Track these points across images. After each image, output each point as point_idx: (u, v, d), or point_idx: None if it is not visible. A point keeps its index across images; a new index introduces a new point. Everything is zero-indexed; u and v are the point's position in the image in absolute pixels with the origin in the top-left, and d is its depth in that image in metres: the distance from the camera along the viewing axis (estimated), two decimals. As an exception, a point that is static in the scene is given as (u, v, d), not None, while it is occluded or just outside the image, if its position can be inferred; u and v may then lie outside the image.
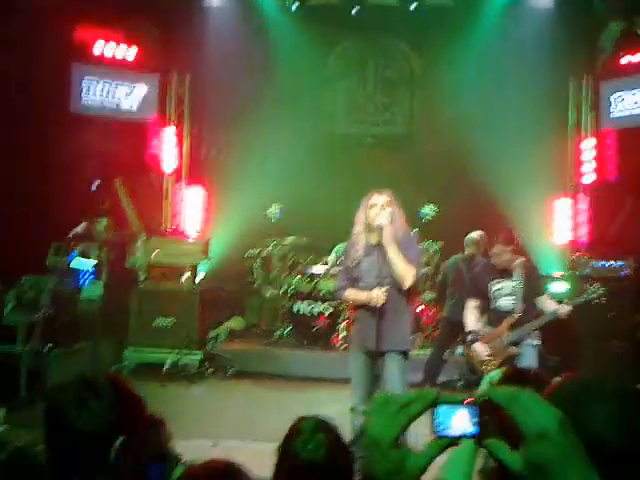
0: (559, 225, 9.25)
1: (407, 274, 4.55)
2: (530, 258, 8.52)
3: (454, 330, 7.47)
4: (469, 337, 5.33)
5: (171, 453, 2.30)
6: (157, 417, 2.59)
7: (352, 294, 4.73)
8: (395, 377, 4.58)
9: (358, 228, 4.72)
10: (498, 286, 5.29)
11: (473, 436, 0.98)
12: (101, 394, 1.69)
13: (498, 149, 8.85)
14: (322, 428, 2.12)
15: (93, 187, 9.18)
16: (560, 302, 5.42)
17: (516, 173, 8.68)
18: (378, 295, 4.46)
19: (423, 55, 10.43)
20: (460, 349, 7.78)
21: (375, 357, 4.64)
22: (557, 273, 8.58)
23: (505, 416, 0.94)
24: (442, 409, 0.99)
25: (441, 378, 7.51)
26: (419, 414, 0.99)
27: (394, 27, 10.23)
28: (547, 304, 5.29)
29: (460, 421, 0.98)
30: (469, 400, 0.98)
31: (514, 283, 5.25)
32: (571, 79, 9.41)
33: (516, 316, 5.16)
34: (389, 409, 0.99)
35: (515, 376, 2.20)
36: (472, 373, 7.36)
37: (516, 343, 5.17)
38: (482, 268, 5.64)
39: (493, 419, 0.96)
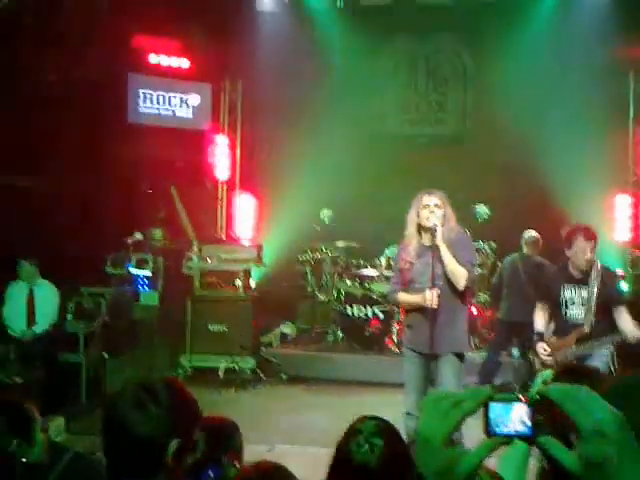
0: (619, 223, 8.96)
1: (461, 275, 4.52)
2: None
3: (510, 332, 7.33)
4: (535, 337, 4.88)
5: (227, 458, 2.32)
6: (229, 421, 2.63)
7: (405, 297, 4.72)
8: (449, 380, 4.52)
9: (410, 229, 4.68)
10: (569, 293, 4.73)
11: (527, 435, 0.96)
12: (158, 397, 1.71)
13: (554, 146, 8.64)
14: (381, 430, 2.09)
15: (148, 191, 9.35)
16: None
17: (573, 170, 8.45)
18: (432, 296, 4.41)
19: (475, 52, 10.26)
20: (516, 351, 7.62)
21: (429, 360, 4.60)
22: (618, 271, 8.29)
23: (560, 415, 0.92)
24: (495, 407, 0.97)
25: (497, 381, 7.36)
26: (472, 412, 0.97)
27: (444, 24, 10.10)
28: (624, 319, 4.60)
29: (513, 420, 0.96)
30: (523, 398, 0.96)
31: (587, 292, 4.65)
32: (631, 71, 9.11)
33: (586, 330, 4.62)
34: (441, 407, 0.98)
35: (570, 372, 2.13)
36: (529, 376, 7.22)
37: (581, 359, 4.64)
38: (555, 270, 5.05)
39: (547, 418, 0.94)
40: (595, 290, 4.60)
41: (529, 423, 0.95)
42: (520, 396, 0.96)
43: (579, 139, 8.58)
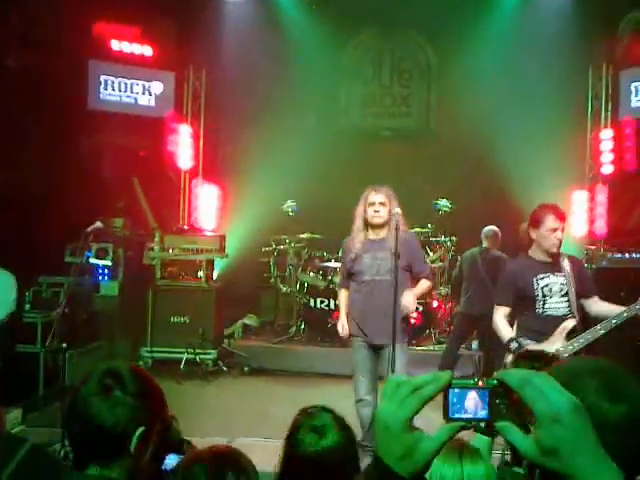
0: (576, 217, 9.15)
1: (427, 289, 4.93)
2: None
3: (469, 325, 7.45)
4: (512, 346, 4.07)
5: (186, 445, 2.33)
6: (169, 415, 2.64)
7: (341, 301, 5.08)
8: (397, 370, 4.60)
9: (357, 224, 4.85)
10: (545, 283, 4.20)
11: (485, 420, 0.97)
12: (125, 383, 1.71)
13: (515, 141, 8.79)
14: (330, 420, 2.12)
15: (109, 179, 9.23)
16: None
17: (533, 165, 8.62)
18: (343, 330, 4.87)
19: (439, 46, 10.35)
20: (475, 344, 7.76)
21: (376, 349, 4.73)
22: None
23: (518, 400, 0.93)
24: (454, 392, 0.98)
25: (456, 374, 7.44)
26: (432, 397, 0.97)
27: (410, 18, 10.14)
28: (605, 306, 4.23)
29: (472, 404, 0.97)
30: (481, 384, 0.97)
31: (564, 279, 4.18)
32: (590, 68, 9.29)
33: (574, 321, 4.08)
34: (401, 392, 0.98)
35: (526, 357, 2.18)
36: (488, 369, 7.35)
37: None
38: (517, 264, 4.44)
39: (505, 403, 0.96)
40: (572, 277, 4.18)
41: (487, 408, 0.97)
42: (478, 382, 0.98)
43: (539, 134, 8.75)
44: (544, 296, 4.19)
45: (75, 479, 1.74)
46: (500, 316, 4.29)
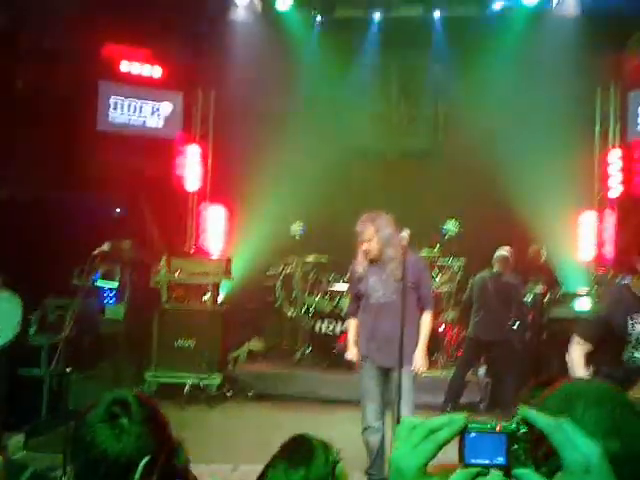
0: (584, 240, 9.09)
1: (431, 323, 4.91)
2: (554, 274, 8.48)
3: (478, 350, 7.37)
4: None
5: (191, 475, 2.29)
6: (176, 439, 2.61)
7: (350, 329, 5.08)
8: (403, 394, 4.57)
9: (359, 252, 4.85)
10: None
11: (502, 465, 0.94)
12: (131, 412, 1.70)
13: (523, 162, 8.75)
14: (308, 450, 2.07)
15: (117, 211, 9.25)
16: None
17: (541, 187, 8.58)
18: (353, 356, 4.89)
19: (447, 67, 10.35)
20: (482, 370, 7.67)
21: (384, 373, 4.67)
22: (581, 290, 8.41)
23: (540, 442, 0.91)
24: (471, 437, 0.94)
25: (463, 399, 7.38)
26: (447, 441, 0.94)
27: (418, 39, 10.16)
28: None
29: (490, 449, 0.94)
30: (499, 428, 0.94)
31: None
32: (598, 89, 9.28)
33: None
34: (415, 435, 0.94)
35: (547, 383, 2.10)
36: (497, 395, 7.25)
37: None
38: (614, 295, 3.95)
39: (524, 448, 0.92)
40: None
41: (504, 453, 0.93)
42: (496, 426, 0.94)
43: (547, 154, 8.70)
44: (636, 342, 3.68)
45: None
46: (579, 354, 3.79)
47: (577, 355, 3.78)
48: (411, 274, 4.65)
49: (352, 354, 4.94)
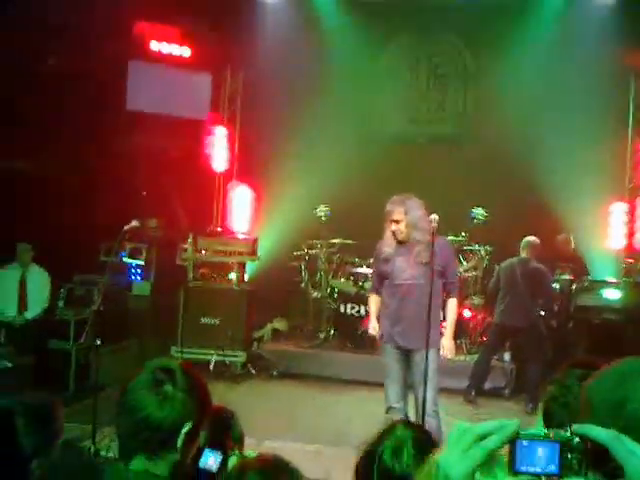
0: (614, 230, 8.96)
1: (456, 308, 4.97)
2: (583, 262, 8.39)
3: (503, 336, 7.33)
4: None
5: (228, 443, 2.33)
6: (228, 410, 2.65)
7: (371, 306, 5.12)
8: (428, 372, 4.58)
9: (387, 233, 4.85)
10: None
11: (554, 475, 0.92)
12: (175, 379, 1.74)
13: (552, 148, 8.65)
14: (413, 436, 2.05)
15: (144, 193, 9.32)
16: None
17: (571, 175, 8.46)
18: (374, 330, 4.92)
19: (477, 52, 10.21)
20: (507, 356, 7.63)
21: (407, 355, 4.69)
22: (610, 279, 8.31)
23: (596, 453, 0.89)
24: (522, 444, 0.92)
25: (487, 385, 7.36)
26: (497, 448, 0.92)
27: (448, 23, 10.04)
28: None
29: (542, 458, 0.92)
30: (552, 435, 0.92)
31: None
32: (632, 78, 9.10)
33: None
34: (464, 441, 0.93)
35: (582, 364, 2.07)
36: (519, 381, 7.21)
37: None
38: None
39: (577, 457, 0.91)
40: None
41: (557, 462, 0.91)
42: (549, 433, 0.92)
43: (578, 143, 8.57)
44: None
45: (119, 473, 1.75)
46: None
47: None
48: (439, 258, 4.64)
49: (372, 328, 4.99)
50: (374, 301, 5.07)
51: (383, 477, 1.97)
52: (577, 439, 0.91)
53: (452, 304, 4.89)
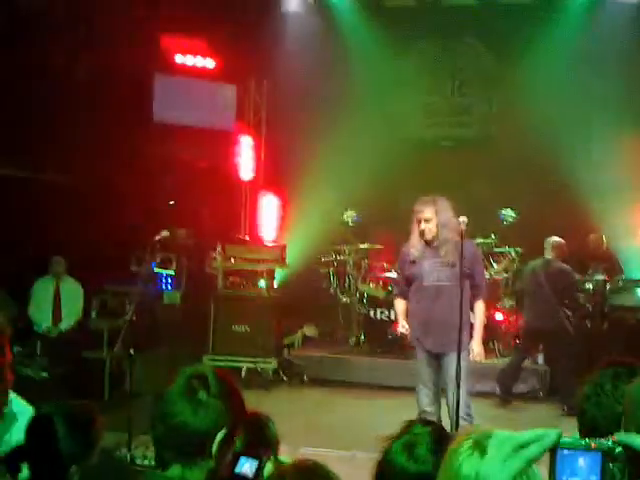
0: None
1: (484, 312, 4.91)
2: (616, 261, 8.26)
3: (532, 339, 7.24)
4: None
5: (264, 450, 2.33)
6: (263, 415, 2.65)
7: (398, 308, 5.09)
8: (459, 377, 4.54)
9: (413, 236, 4.83)
10: None
11: None
12: (209, 386, 1.75)
13: (581, 150, 8.55)
14: (438, 439, 2.04)
15: (171, 203, 9.43)
16: None
17: (599, 175, 8.35)
18: (404, 328, 4.87)
19: (500, 55, 10.15)
20: (541, 358, 7.53)
21: (437, 359, 4.67)
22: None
23: (635, 464, 0.87)
24: (563, 453, 0.90)
25: (522, 388, 7.27)
26: (537, 457, 0.90)
27: (470, 27, 10.03)
28: None
29: (583, 467, 0.90)
30: (594, 445, 0.90)
31: None
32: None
33: None
34: (504, 450, 0.91)
35: (618, 364, 2.04)
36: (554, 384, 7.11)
37: None
38: None
39: (621, 467, 0.89)
40: None
41: (599, 473, 0.89)
42: (591, 443, 0.90)
43: (605, 143, 8.47)
44: None
45: (155, 479, 1.77)
46: None
47: None
48: (466, 260, 4.61)
49: (401, 327, 4.94)
50: (402, 304, 5.04)
51: (398, 477, 1.96)
52: (619, 448, 0.89)
53: (480, 307, 4.84)
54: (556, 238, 7.13)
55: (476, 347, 4.74)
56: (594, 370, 2.03)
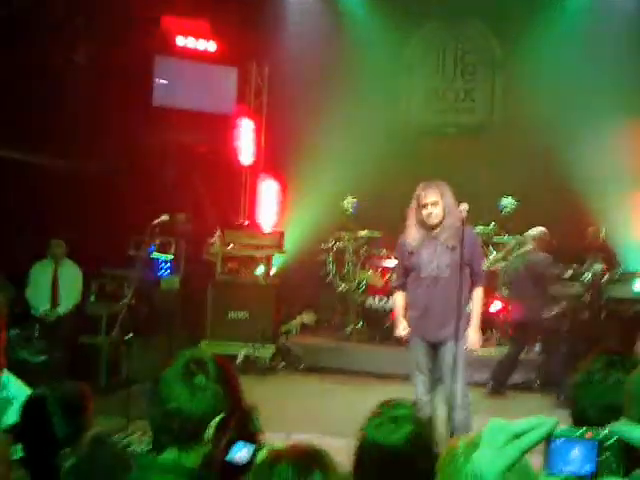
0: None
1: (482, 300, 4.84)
2: (614, 253, 8.25)
3: (522, 331, 7.22)
4: None
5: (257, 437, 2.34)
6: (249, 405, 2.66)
7: (397, 304, 5.00)
8: (457, 367, 4.56)
9: (410, 222, 4.76)
10: None
11: (591, 474, 0.90)
12: (207, 370, 1.75)
13: (583, 139, 8.49)
14: (410, 414, 2.07)
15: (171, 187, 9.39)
16: None
17: (601, 164, 8.32)
18: (404, 329, 4.78)
19: (505, 38, 10.06)
20: (538, 347, 7.54)
21: (435, 347, 4.68)
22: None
23: (629, 454, 0.88)
24: (558, 443, 0.91)
25: (518, 378, 7.29)
26: (533, 446, 0.89)
27: (474, 11, 9.93)
28: None
29: (578, 457, 0.90)
30: (590, 434, 0.91)
31: None
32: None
33: None
34: (499, 439, 0.90)
35: (610, 352, 2.07)
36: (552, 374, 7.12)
37: None
38: None
39: (616, 457, 0.89)
40: None
41: (594, 462, 0.90)
42: (586, 432, 0.91)
43: (608, 132, 8.42)
44: None
45: (147, 464, 1.77)
46: None
47: None
48: (467, 247, 4.57)
49: (402, 329, 4.85)
50: (401, 299, 4.95)
51: (373, 452, 1.98)
52: (614, 438, 0.89)
53: (478, 295, 4.78)
54: (537, 229, 7.11)
55: (472, 335, 4.69)
56: (587, 359, 2.04)
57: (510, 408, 6.59)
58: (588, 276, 7.73)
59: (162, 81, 9.51)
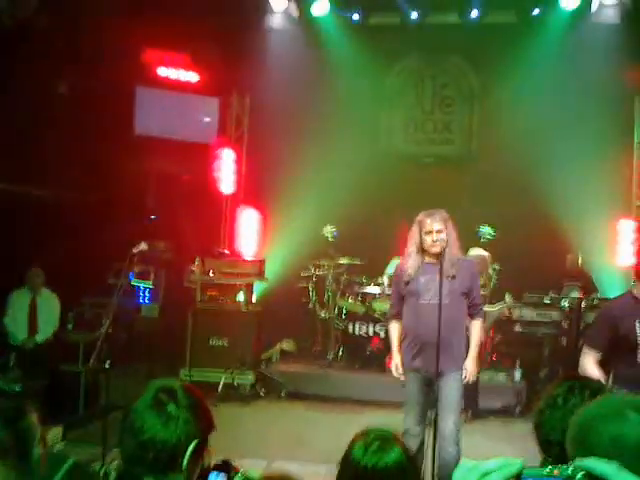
0: (622, 247, 8.94)
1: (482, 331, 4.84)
2: (591, 279, 8.37)
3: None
4: None
5: (231, 463, 2.34)
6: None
7: (393, 335, 4.82)
8: (453, 398, 4.52)
9: (411, 249, 4.68)
10: None
11: None
12: (177, 399, 1.75)
13: (559, 168, 8.65)
14: (386, 436, 2.10)
15: (152, 217, 9.38)
16: None
17: (578, 193, 8.48)
18: (397, 369, 4.66)
19: (482, 72, 10.26)
20: (518, 375, 7.58)
21: (431, 378, 4.58)
22: (620, 297, 8.26)
23: None
24: None
25: (497, 404, 7.30)
26: None
27: (453, 44, 10.12)
28: None
29: None
30: (556, 472, 0.92)
31: None
32: (637, 95, 9.14)
33: None
34: (468, 477, 0.94)
35: (573, 378, 2.11)
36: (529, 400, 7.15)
37: None
38: (615, 306, 4.15)
39: None
40: None
41: None
42: (553, 470, 0.92)
43: (584, 161, 8.57)
44: None
45: None
46: (590, 362, 3.88)
47: (588, 363, 3.86)
48: (466, 277, 4.55)
49: (397, 363, 4.68)
50: (395, 328, 4.81)
51: (359, 476, 2.01)
52: (580, 474, 0.91)
53: (476, 326, 4.70)
54: (475, 252, 7.18)
55: (469, 366, 4.60)
56: (551, 385, 2.10)
57: (490, 434, 6.60)
58: (566, 303, 7.83)
59: (145, 110, 9.55)
